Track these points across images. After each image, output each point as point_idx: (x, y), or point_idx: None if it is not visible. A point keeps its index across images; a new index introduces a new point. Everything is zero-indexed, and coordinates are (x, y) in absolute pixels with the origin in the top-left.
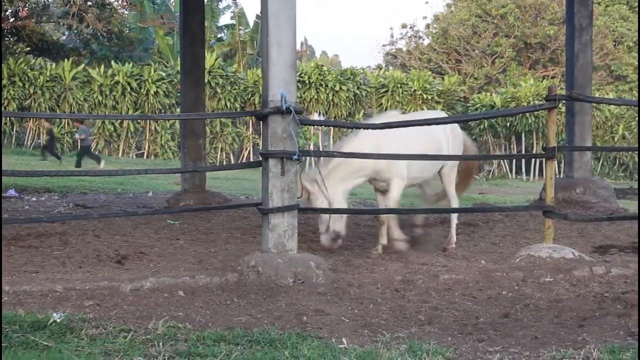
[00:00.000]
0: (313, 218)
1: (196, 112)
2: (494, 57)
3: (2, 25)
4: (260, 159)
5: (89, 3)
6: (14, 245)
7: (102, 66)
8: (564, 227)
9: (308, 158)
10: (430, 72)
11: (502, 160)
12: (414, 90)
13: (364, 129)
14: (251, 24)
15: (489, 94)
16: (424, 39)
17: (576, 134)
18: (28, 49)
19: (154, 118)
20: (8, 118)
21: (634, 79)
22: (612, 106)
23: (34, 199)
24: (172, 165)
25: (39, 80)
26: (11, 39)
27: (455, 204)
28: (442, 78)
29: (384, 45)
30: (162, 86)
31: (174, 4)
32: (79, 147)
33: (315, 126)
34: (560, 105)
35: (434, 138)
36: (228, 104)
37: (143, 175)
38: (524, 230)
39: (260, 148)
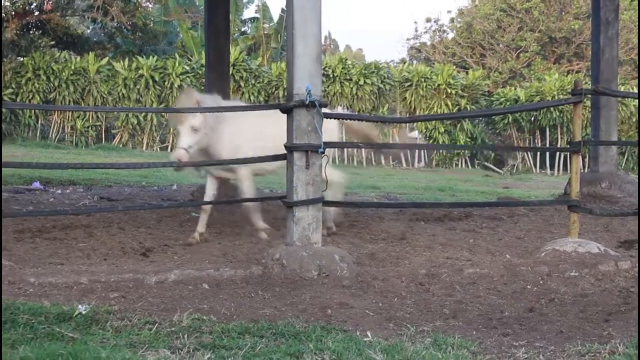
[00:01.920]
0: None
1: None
2: (519, 51)
3: (27, 19)
4: (285, 152)
5: None
6: (39, 238)
7: (127, 59)
8: (589, 221)
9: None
10: (454, 66)
11: (526, 155)
12: (438, 85)
13: (389, 122)
14: (275, 17)
15: (513, 88)
16: (448, 33)
17: (602, 129)
18: (53, 42)
19: (178, 111)
20: (33, 111)
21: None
22: (638, 101)
23: (59, 191)
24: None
25: (63, 73)
26: (36, 33)
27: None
28: (466, 72)
29: (408, 39)
30: (187, 79)
31: None
32: None
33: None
34: (585, 99)
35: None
36: (252, 98)
37: (167, 168)
38: (549, 224)
39: (285, 141)
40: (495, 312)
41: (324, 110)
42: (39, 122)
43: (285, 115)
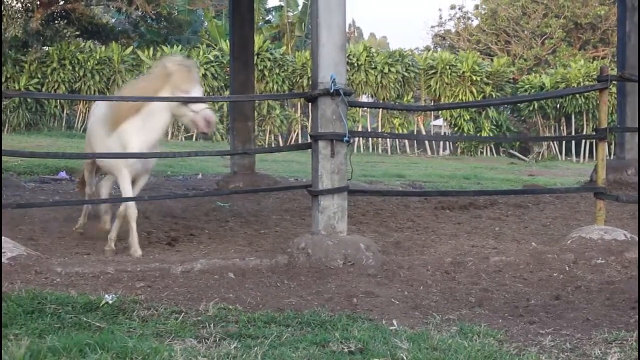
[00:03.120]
0: (362, 200)
1: (245, 94)
2: (544, 38)
3: (52, 8)
4: (310, 140)
5: None
6: (65, 227)
7: (151, 49)
8: (616, 208)
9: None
10: (479, 54)
11: (551, 142)
12: (463, 72)
13: (414, 110)
14: (300, 5)
15: (538, 75)
16: (472, 20)
17: (628, 115)
18: (77, 32)
19: (203, 100)
20: (58, 101)
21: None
22: None
23: None
24: (221, 148)
25: (88, 63)
26: (61, 23)
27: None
28: (491, 59)
29: (432, 27)
30: (211, 69)
31: None
32: None
33: (364, 108)
34: (611, 86)
35: None
36: (276, 87)
37: (192, 158)
38: (575, 212)
39: (309, 130)
40: (521, 300)
41: (348, 98)
42: (65, 112)
43: None
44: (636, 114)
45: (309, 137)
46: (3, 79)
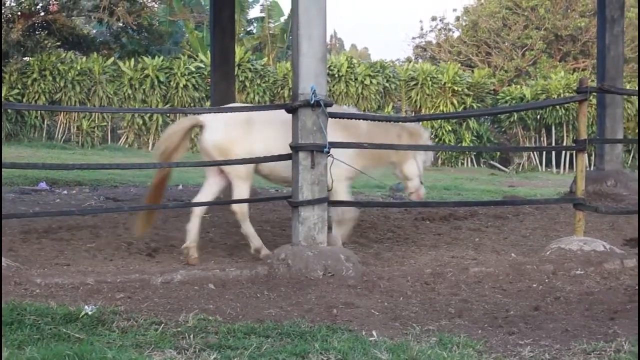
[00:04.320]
0: None
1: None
2: (524, 49)
3: (33, 19)
4: (291, 152)
5: None
6: (45, 238)
7: (132, 60)
8: (595, 219)
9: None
10: (459, 65)
11: (532, 153)
12: (444, 83)
13: (395, 121)
14: (281, 17)
15: (519, 86)
16: (453, 32)
17: (607, 127)
18: (58, 43)
19: (184, 112)
20: (39, 112)
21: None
22: (638, 99)
23: (65, 192)
24: (202, 159)
25: (69, 74)
26: (42, 33)
27: None
28: (472, 71)
29: (413, 38)
30: (192, 79)
31: None
32: None
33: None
34: (591, 97)
35: None
36: (257, 98)
37: (173, 169)
38: (555, 223)
39: (290, 141)
40: (501, 310)
41: (329, 109)
42: (45, 123)
43: None
44: (615, 126)
45: (289, 148)
46: None
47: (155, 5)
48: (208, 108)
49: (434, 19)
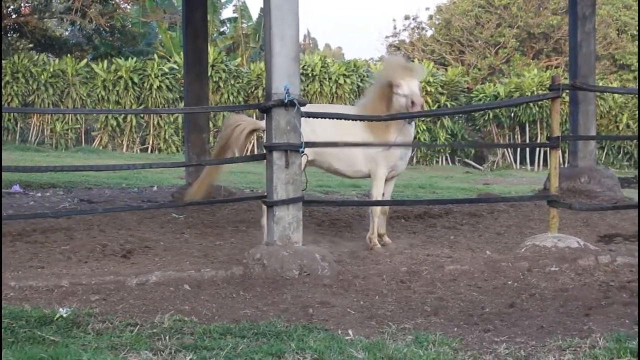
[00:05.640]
0: (318, 210)
1: (200, 106)
2: (497, 47)
3: (5, 22)
4: (265, 151)
5: None
6: (19, 241)
7: (105, 61)
8: (569, 216)
9: None
10: (433, 64)
11: (506, 151)
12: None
13: (368, 120)
14: (254, 17)
15: (492, 84)
16: (426, 30)
17: (580, 124)
18: (31, 45)
19: (158, 112)
20: (12, 114)
21: (637, 67)
22: (616, 95)
23: (39, 194)
24: (176, 160)
25: (42, 76)
26: (14, 36)
27: None
28: (446, 69)
29: (386, 37)
30: (166, 80)
31: None
32: None
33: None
34: (564, 94)
35: None
36: (231, 98)
37: (147, 170)
38: (529, 220)
39: (264, 141)
40: (476, 308)
41: (303, 109)
42: (18, 126)
43: None
44: (588, 123)
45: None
46: None
47: (128, 7)
48: (181, 108)
49: (407, 17)
